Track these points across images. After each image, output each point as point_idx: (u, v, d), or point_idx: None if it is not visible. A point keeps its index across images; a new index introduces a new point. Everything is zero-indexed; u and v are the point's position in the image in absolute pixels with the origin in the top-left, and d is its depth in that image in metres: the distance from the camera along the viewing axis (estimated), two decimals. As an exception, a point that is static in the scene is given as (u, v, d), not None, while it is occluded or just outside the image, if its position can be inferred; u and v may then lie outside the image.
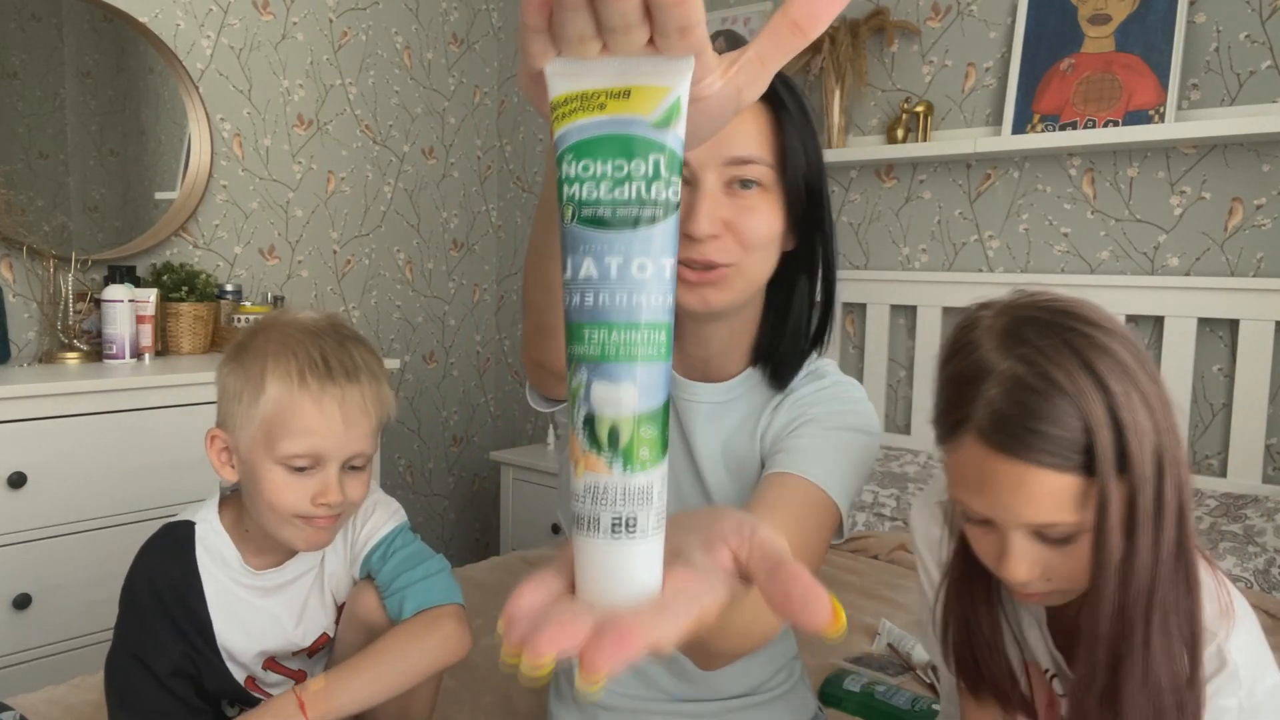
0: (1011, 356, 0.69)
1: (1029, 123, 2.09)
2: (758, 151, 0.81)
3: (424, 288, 3.07)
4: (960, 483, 0.72)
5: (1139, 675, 0.68)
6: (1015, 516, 0.69)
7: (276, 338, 0.95)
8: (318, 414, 0.92)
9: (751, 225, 0.81)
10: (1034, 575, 0.70)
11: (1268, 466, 1.91)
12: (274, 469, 0.93)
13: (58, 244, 2.16)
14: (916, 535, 0.88)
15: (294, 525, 0.95)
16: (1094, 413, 0.66)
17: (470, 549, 3.29)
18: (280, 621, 1.03)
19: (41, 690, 1.29)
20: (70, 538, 1.82)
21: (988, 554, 0.74)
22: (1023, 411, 0.67)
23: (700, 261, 0.81)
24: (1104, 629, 0.69)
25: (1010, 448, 0.67)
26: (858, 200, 2.45)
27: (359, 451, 0.96)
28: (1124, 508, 0.67)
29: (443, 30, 3.05)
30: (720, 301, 0.83)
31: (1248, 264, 1.93)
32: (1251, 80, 1.90)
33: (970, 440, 0.70)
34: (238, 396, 0.94)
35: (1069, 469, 0.66)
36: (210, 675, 1.01)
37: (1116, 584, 0.68)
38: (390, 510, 1.08)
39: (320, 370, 0.93)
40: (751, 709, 1.00)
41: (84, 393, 1.83)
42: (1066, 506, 0.67)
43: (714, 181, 0.81)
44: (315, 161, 2.73)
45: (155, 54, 2.34)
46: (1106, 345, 0.68)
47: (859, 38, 2.32)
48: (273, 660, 1.04)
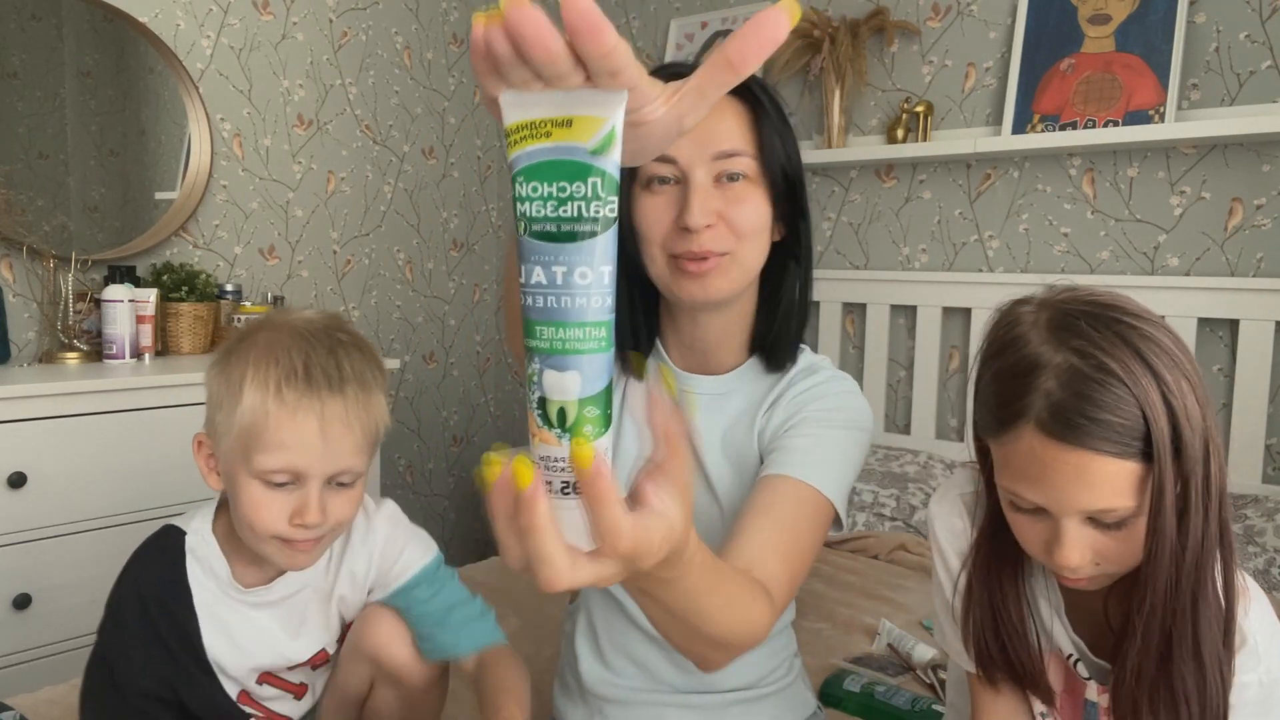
0: (1065, 349, 0.71)
1: (1029, 123, 2.09)
2: (741, 145, 0.87)
3: (424, 288, 3.07)
4: (1015, 474, 0.74)
5: (1190, 648, 0.71)
6: (1074, 504, 0.71)
7: (264, 341, 0.89)
8: (293, 428, 0.86)
9: (743, 214, 0.87)
10: (1086, 560, 0.72)
11: (1268, 466, 1.91)
12: (251, 483, 0.87)
13: (58, 244, 2.16)
14: (938, 525, 0.89)
15: (273, 544, 0.89)
16: (1151, 400, 0.68)
17: (470, 549, 3.29)
18: (273, 635, 0.97)
19: (41, 690, 1.29)
20: (70, 538, 1.82)
21: (1035, 541, 0.75)
22: (1082, 401, 0.69)
23: (698, 252, 0.85)
24: (1158, 607, 0.71)
25: (1070, 437, 0.69)
26: (858, 200, 2.45)
27: (344, 468, 0.89)
28: (1178, 491, 0.70)
29: (443, 30, 3.05)
30: (719, 289, 0.87)
31: (1248, 264, 1.93)
32: (1251, 80, 1.90)
33: (1029, 432, 0.71)
34: (219, 403, 0.89)
35: (1128, 456, 0.68)
36: (194, 695, 0.95)
37: (1170, 564, 0.70)
38: (423, 546, 1.02)
39: (298, 380, 0.86)
40: (752, 703, 1.02)
41: (84, 393, 1.83)
42: (1125, 492, 0.69)
43: (703, 176, 0.85)
44: (315, 161, 2.73)
45: (155, 54, 2.34)
46: (1153, 335, 0.70)
47: (859, 38, 2.32)
48: (269, 674, 1.00)
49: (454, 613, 0.99)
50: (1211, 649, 0.72)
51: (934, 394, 2.29)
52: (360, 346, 0.93)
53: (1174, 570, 0.71)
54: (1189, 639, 0.72)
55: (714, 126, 0.86)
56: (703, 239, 0.85)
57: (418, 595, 0.99)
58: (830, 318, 2.46)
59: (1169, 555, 0.70)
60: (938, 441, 2.29)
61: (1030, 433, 0.71)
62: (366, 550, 0.99)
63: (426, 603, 0.98)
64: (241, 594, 0.96)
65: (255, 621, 0.97)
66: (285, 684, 1.01)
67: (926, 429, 2.31)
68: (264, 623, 0.97)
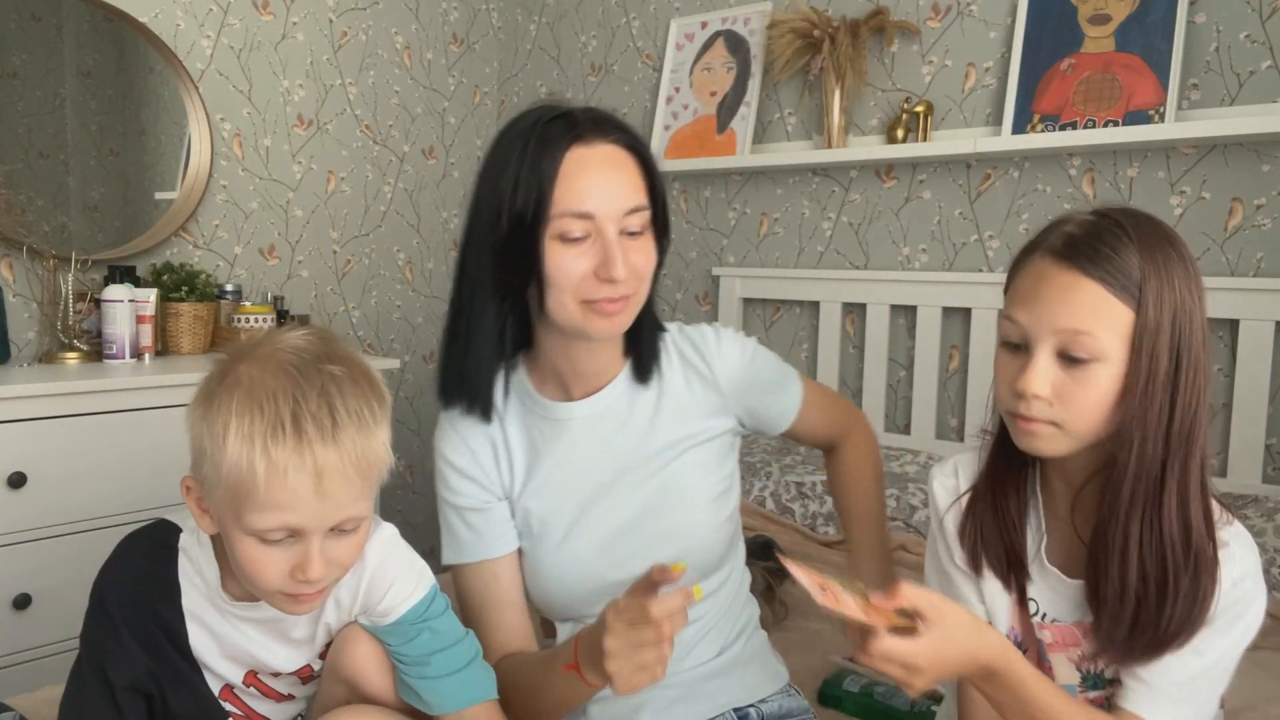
0: (1096, 214, 0.82)
1: (1029, 123, 2.09)
2: (643, 199, 0.97)
3: (424, 288, 3.07)
4: (1014, 299, 0.83)
5: (1153, 525, 0.78)
6: (1053, 321, 0.78)
7: (246, 382, 0.80)
8: (284, 487, 0.77)
9: (645, 260, 0.98)
10: (1046, 392, 0.78)
11: (1268, 466, 1.91)
12: (246, 540, 0.80)
13: (58, 244, 2.16)
14: (935, 485, 0.96)
15: (277, 598, 0.84)
16: (1154, 266, 0.77)
17: (470, 549, 3.28)
18: (259, 643, 0.94)
19: (41, 690, 1.29)
20: (70, 538, 1.82)
21: (1009, 376, 0.82)
22: (1090, 237, 0.78)
23: (619, 297, 0.95)
24: (1131, 474, 0.78)
25: (1071, 259, 0.78)
26: (858, 200, 2.45)
27: (345, 519, 0.82)
28: (1169, 360, 0.77)
29: (443, 30, 3.05)
30: (625, 324, 0.99)
31: (1248, 264, 1.93)
32: (1251, 80, 1.90)
33: (1038, 257, 0.81)
34: (204, 451, 0.81)
35: (1114, 292, 0.76)
36: (177, 687, 0.92)
37: (1152, 429, 0.77)
38: (412, 582, 0.94)
39: (286, 435, 0.78)
40: (725, 675, 1.06)
41: (84, 393, 1.83)
42: (1100, 321, 0.77)
43: (613, 231, 0.94)
44: (315, 161, 2.73)
45: (155, 54, 2.34)
46: (1178, 243, 0.80)
47: (859, 38, 2.32)
48: (254, 675, 0.97)
49: (434, 660, 0.92)
50: (1180, 535, 0.78)
51: (934, 394, 2.29)
52: (355, 377, 0.84)
53: (1151, 442, 0.77)
54: (1151, 518, 0.78)
55: (621, 182, 0.95)
56: (621, 286, 0.94)
57: (398, 635, 0.94)
58: (830, 318, 2.46)
59: (1154, 421, 0.77)
60: (938, 441, 2.29)
61: (1039, 258, 0.81)
62: (354, 579, 0.93)
63: (405, 644, 0.93)
64: (229, 605, 0.92)
65: (241, 630, 0.94)
66: (270, 690, 0.99)
67: (926, 429, 2.31)
68: (250, 632, 0.94)
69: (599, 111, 0.98)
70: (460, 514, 1.06)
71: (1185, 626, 0.78)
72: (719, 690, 1.05)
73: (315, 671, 0.99)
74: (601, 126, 0.96)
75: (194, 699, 0.94)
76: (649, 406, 1.07)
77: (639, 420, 1.06)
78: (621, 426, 1.06)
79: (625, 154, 0.97)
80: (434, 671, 0.92)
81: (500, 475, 1.06)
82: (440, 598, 0.97)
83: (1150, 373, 0.76)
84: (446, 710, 0.92)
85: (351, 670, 0.94)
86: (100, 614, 0.92)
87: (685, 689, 1.04)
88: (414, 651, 0.93)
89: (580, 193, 0.92)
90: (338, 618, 0.96)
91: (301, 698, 1.02)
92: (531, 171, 0.92)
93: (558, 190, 0.92)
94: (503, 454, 1.06)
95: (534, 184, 0.92)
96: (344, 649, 0.94)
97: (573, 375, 1.05)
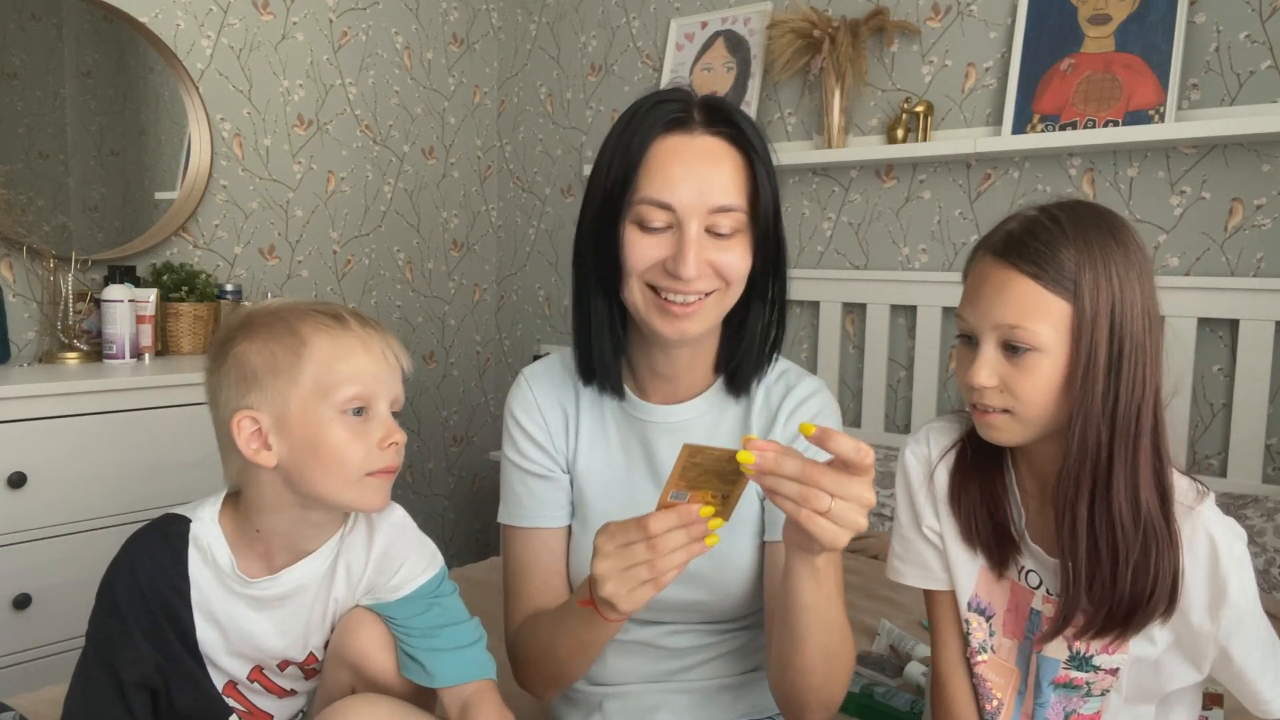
0: (1039, 210, 0.85)
1: (1029, 123, 2.09)
2: (736, 199, 0.91)
3: (424, 288, 3.07)
4: (964, 296, 0.87)
5: (1102, 505, 0.81)
6: (991, 316, 0.82)
7: (279, 311, 0.91)
8: (365, 353, 0.90)
9: (731, 263, 0.92)
10: (993, 382, 0.83)
11: (1268, 466, 1.91)
12: (335, 423, 0.88)
13: (58, 244, 2.16)
14: (906, 452, 0.98)
15: (362, 485, 0.90)
16: (1089, 258, 0.79)
17: (470, 549, 3.29)
18: (266, 633, 0.96)
19: (41, 690, 1.29)
20: (70, 538, 1.82)
21: (963, 369, 0.86)
22: (1027, 235, 0.82)
23: (689, 294, 0.91)
24: (1075, 457, 0.81)
25: (1006, 256, 0.82)
26: (858, 200, 2.45)
27: (400, 395, 0.94)
28: (1109, 349, 0.80)
29: (443, 30, 3.05)
30: (692, 331, 0.93)
31: (1248, 264, 1.93)
32: (1251, 80, 1.90)
33: (980, 255, 0.86)
34: (271, 369, 0.88)
35: (1048, 286, 0.80)
36: (181, 687, 0.94)
37: (1095, 415, 0.80)
38: (424, 561, 0.99)
39: (347, 319, 0.91)
40: (740, 689, 1.05)
41: (84, 393, 1.83)
42: (1034, 315, 0.80)
43: (697, 228, 0.89)
44: (315, 161, 2.73)
45: (155, 54, 2.34)
46: (1125, 233, 0.82)
47: (859, 38, 2.32)
48: (259, 670, 0.98)
49: (442, 633, 0.95)
50: (1130, 514, 0.80)
51: (934, 394, 2.29)
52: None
53: (1097, 427, 0.80)
54: (1102, 497, 0.81)
55: (712, 178, 0.89)
56: (694, 285, 0.90)
57: (408, 609, 0.96)
58: (830, 318, 2.46)
59: (1098, 405, 0.80)
60: (938, 441, 2.29)
61: (981, 256, 0.86)
62: (365, 555, 0.97)
63: (415, 617, 0.96)
64: (244, 586, 0.94)
65: (250, 619, 0.95)
66: (273, 685, 1.00)
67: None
68: (259, 621, 0.95)
69: (718, 102, 0.93)
70: (523, 478, 1.04)
71: (1148, 604, 0.80)
72: (735, 699, 1.05)
73: (319, 662, 1.00)
74: (712, 118, 0.91)
75: (198, 694, 0.95)
76: (734, 427, 1.02)
77: (722, 439, 1.01)
78: (706, 438, 1.01)
79: (730, 150, 0.91)
80: (442, 644, 0.94)
81: (567, 446, 1.05)
82: (450, 580, 1.00)
83: (1090, 361, 0.79)
84: (449, 682, 0.94)
85: (356, 653, 0.95)
86: (110, 609, 0.93)
87: (702, 695, 1.03)
88: (423, 624, 0.95)
89: (664, 182, 0.89)
90: (347, 594, 0.98)
91: (303, 693, 1.03)
92: (623, 153, 0.90)
93: (642, 175, 0.89)
94: (573, 426, 1.04)
95: (622, 166, 0.90)
96: (349, 632, 0.96)
97: (649, 375, 1.01)
